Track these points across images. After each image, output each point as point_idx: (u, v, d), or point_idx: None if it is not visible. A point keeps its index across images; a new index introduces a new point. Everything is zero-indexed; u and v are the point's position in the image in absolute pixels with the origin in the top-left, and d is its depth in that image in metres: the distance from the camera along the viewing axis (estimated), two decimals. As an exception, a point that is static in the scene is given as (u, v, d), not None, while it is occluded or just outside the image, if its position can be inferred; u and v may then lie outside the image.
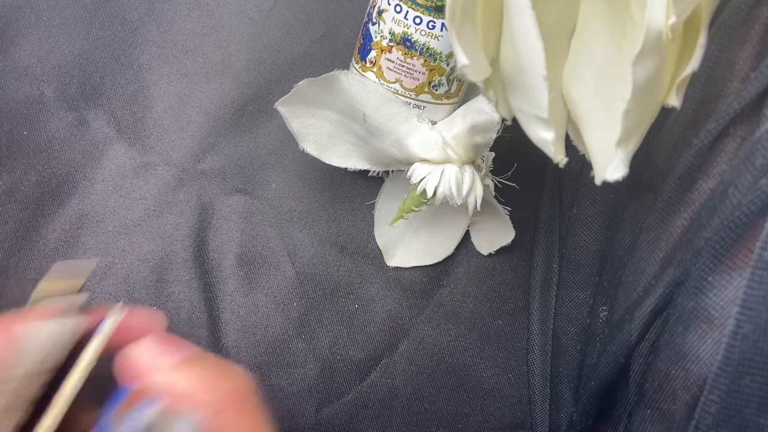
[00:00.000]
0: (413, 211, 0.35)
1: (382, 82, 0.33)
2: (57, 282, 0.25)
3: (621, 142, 0.23)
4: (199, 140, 0.38)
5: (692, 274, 0.25)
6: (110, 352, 0.23)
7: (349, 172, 0.36)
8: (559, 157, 0.24)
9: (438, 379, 0.38)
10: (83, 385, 0.22)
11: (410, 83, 0.33)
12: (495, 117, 0.31)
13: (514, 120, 0.26)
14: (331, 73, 0.33)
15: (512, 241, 0.38)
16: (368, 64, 0.33)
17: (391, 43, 0.32)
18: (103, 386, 0.23)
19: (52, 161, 0.37)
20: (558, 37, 0.27)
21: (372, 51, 0.33)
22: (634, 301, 0.29)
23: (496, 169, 0.36)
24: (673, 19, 0.21)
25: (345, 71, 0.33)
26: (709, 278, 0.24)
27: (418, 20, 0.31)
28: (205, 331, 0.36)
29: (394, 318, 0.39)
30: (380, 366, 0.38)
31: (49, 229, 0.37)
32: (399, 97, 0.33)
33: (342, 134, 0.35)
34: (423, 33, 0.32)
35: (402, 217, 0.35)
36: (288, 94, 0.33)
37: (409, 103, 0.33)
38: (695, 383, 0.24)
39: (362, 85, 0.33)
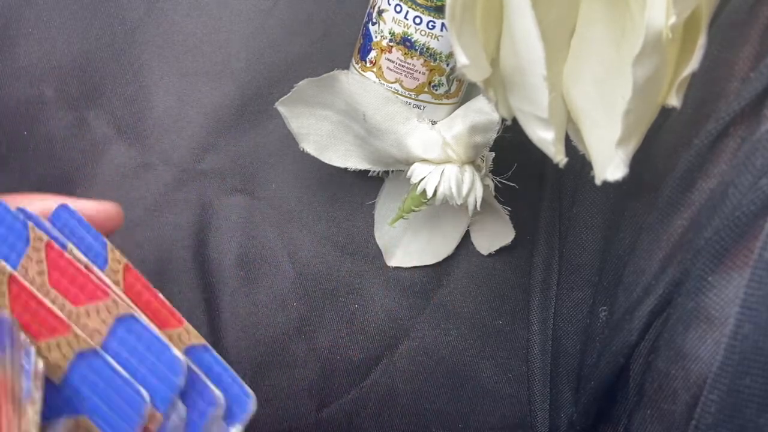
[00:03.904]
0: (413, 211, 0.35)
1: (382, 82, 0.33)
2: None
3: (621, 142, 0.23)
4: (199, 140, 0.38)
5: (692, 274, 0.25)
6: None
7: (349, 172, 0.36)
8: (559, 157, 0.24)
9: (438, 379, 0.38)
10: None
11: (410, 83, 0.33)
12: (495, 117, 0.31)
13: (514, 120, 0.26)
14: (331, 73, 0.33)
15: (512, 241, 0.38)
16: (368, 64, 0.33)
17: (391, 43, 0.32)
18: None
19: (52, 161, 0.37)
20: (558, 37, 0.27)
21: (372, 51, 0.33)
22: (634, 301, 0.29)
23: (496, 169, 0.36)
24: (673, 19, 0.21)
25: (345, 71, 0.33)
26: (709, 278, 0.24)
27: (418, 20, 0.31)
28: (205, 331, 0.36)
29: (394, 318, 0.39)
30: (380, 366, 0.38)
31: (49, 229, 0.37)
32: (399, 97, 0.33)
33: (342, 134, 0.35)
34: (423, 33, 0.32)
35: (402, 217, 0.35)
36: (288, 94, 0.33)
37: (409, 103, 0.33)
38: (695, 383, 0.24)
39: (362, 85, 0.33)
